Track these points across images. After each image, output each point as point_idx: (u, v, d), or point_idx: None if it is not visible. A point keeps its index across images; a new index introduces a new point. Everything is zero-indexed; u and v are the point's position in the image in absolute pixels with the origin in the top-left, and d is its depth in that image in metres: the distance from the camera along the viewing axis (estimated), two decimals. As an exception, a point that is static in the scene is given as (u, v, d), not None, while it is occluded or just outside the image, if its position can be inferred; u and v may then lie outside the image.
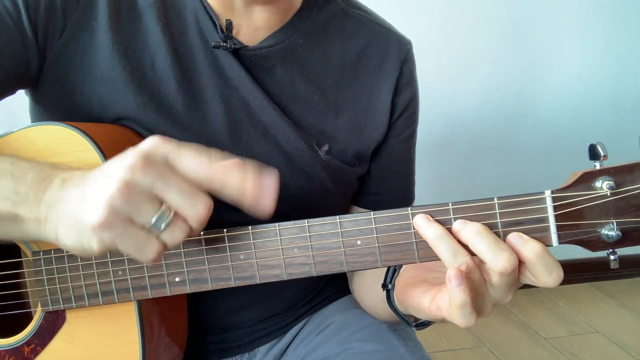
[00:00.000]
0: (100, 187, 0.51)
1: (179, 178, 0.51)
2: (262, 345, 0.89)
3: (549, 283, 0.55)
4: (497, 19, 2.09)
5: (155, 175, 0.50)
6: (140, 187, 0.50)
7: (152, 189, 0.51)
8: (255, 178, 0.54)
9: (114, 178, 0.50)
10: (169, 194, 0.51)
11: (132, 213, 0.50)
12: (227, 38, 0.75)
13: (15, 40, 0.70)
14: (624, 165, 0.55)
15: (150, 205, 0.51)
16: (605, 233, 0.56)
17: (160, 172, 0.51)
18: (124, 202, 0.50)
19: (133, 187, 0.50)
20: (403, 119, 0.86)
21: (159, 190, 0.51)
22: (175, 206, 0.52)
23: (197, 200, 0.52)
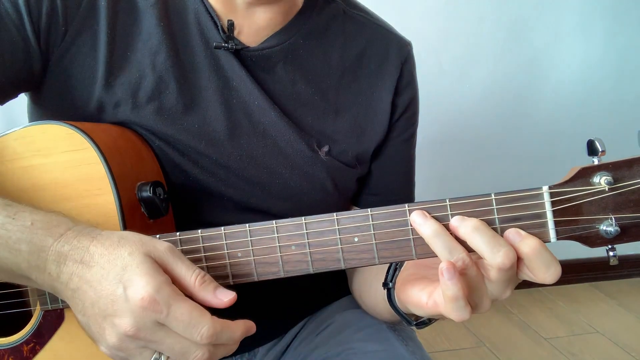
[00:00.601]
0: (96, 331, 0.56)
1: (168, 336, 0.53)
2: (262, 345, 0.89)
3: (547, 279, 0.55)
4: (497, 19, 2.09)
5: (143, 340, 0.53)
6: (131, 347, 0.54)
7: (143, 346, 0.54)
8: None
9: (106, 337, 0.54)
10: (159, 349, 0.54)
11: (128, 358, 0.56)
12: (228, 39, 0.75)
13: (18, 46, 0.70)
14: (622, 161, 0.55)
15: (143, 355, 0.55)
16: (603, 229, 0.56)
17: (148, 339, 0.53)
18: (119, 352, 0.55)
19: (122, 348, 0.54)
20: (403, 119, 0.86)
21: (150, 347, 0.54)
22: (167, 355, 0.55)
23: (188, 353, 0.54)
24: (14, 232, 0.57)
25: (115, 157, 0.68)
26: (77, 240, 0.56)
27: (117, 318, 0.53)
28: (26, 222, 0.57)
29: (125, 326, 0.52)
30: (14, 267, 0.58)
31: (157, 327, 0.53)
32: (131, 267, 0.53)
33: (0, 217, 0.58)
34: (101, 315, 0.54)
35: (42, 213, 0.59)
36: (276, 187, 0.79)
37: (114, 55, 0.74)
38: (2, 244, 0.57)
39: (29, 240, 0.56)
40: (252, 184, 0.78)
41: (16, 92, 0.76)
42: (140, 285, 0.52)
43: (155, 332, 0.53)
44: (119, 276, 0.53)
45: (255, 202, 0.79)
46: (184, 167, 0.76)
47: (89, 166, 0.66)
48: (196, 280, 0.55)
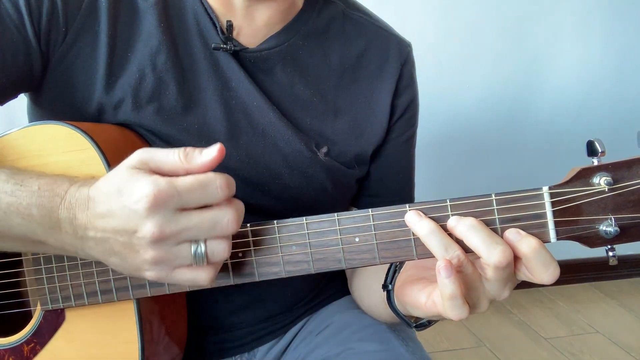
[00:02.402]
0: (133, 260, 0.55)
1: (191, 218, 0.53)
2: (262, 345, 0.89)
3: (545, 279, 0.55)
4: (497, 19, 2.09)
5: (172, 235, 0.53)
6: (166, 249, 0.54)
7: (176, 243, 0.54)
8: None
9: (141, 257, 0.54)
10: (191, 235, 0.54)
11: (172, 264, 0.55)
12: (227, 40, 0.75)
13: (19, 47, 0.70)
14: (622, 162, 0.55)
15: (181, 251, 0.54)
16: (603, 229, 0.56)
17: (175, 230, 0.53)
18: (160, 263, 0.55)
19: (161, 256, 0.54)
20: (403, 121, 0.86)
21: (182, 239, 0.54)
22: (203, 238, 0.54)
23: (217, 219, 0.54)
24: (23, 197, 0.58)
25: (116, 157, 0.67)
26: (78, 192, 0.57)
27: (139, 231, 0.53)
28: (33, 187, 0.58)
29: (149, 232, 0.52)
30: (29, 232, 0.59)
31: (176, 215, 0.53)
32: (123, 184, 0.53)
33: (9, 185, 0.59)
34: (127, 240, 0.54)
35: (46, 176, 0.60)
36: (275, 188, 0.79)
37: (114, 56, 0.74)
38: (14, 211, 0.58)
39: (38, 203, 0.57)
40: (251, 185, 0.78)
41: (16, 93, 0.76)
42: (138, 191, 0.52)
43: (178, 220, 0.53)
44: (118, 198, 0.53)
45: (255, 203, 0.79)
46: (184, 167, 0.76)
47: (90, 166, 0.67)
48: (180, 155, 0.54)
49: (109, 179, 0.55)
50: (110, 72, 0.74)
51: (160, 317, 0.72)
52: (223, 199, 0.54)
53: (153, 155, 0.54)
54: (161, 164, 0.54)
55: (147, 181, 0.52)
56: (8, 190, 0.59)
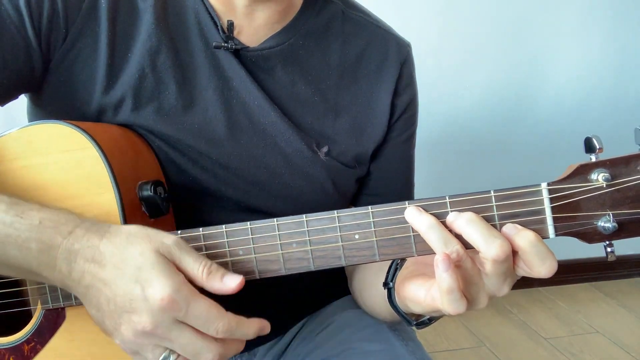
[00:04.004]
0: (111, 326, 0.57)
1: (184, 335, 0.55)
2: (262, 345, 0.89)
3: (543, 272, 0.56)
4: (497, 19, 2.10)
5: (158, 337, 0.55)
6: (144, 342, 0.56)
7: (156, 343, 0.56)
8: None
9: (120, 332, 0.56)
10: (172, 347, 0.56)
11: (140, 353, 0.58)
12: (228, 39, 0.76)
13: (19, 48, 0.71)
14: (619, 158, 0.55)
15: (154, 352, 0.57)
16: (601, 225, 0.56)
17: (163, 336, 0.55)
18: (131, 346, 0.57)
19: (136, 344, 0.57)
20: (402, 120, 0.86)
21: (162, 345, 0.56)
22: (178, 353, 0.57)
23: (202, 351, 0.56)
24: (22, 230, 0.58)
25: (116, 157, 0.68)
26: (86, 239, 0.57)
27: (135, 316, 0.54)
28: (34, 221, 0.58)
29: (143, 324, 0.54)
30: (25, 264, 0.59)
31: (174, 325, 0.55)
32: (146, 267, 0.55)
33: (8, 216, 0.59)
34: (118, 312, 0.55)
35: (49, 211, 0.60)
36: (276, 187, 0.79)
37: (114, 56, 0.74)
38: (11, 243, 0.58)
39: (37, 238, 0.58)
40: (251, 184, 0.78)
41: (17, 94, 0.76)
42: (159, 286, 0.54)
43: (172, 330, 0.55)
44: (135, 276, 0.55)
45: (255, 202, 0.79)
46: (184, 166, 0.76)
47: (90, 165, 0.67)
48: (203, 270, 0.56)
49: (129, 244, 0.57)
50: (110, 73, 0.74)
51: (161, 315, 0.72)
52: (212, 345, 0.56)
53: (182, 256, 0.57)
54: (185, 266, 0.57)
55: (172, 283, 0.54)
56: (7, 222, 0.59)
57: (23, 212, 0.59)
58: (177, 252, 0.57)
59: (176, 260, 0.56)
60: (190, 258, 0.57)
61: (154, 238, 0.57)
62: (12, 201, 0.60)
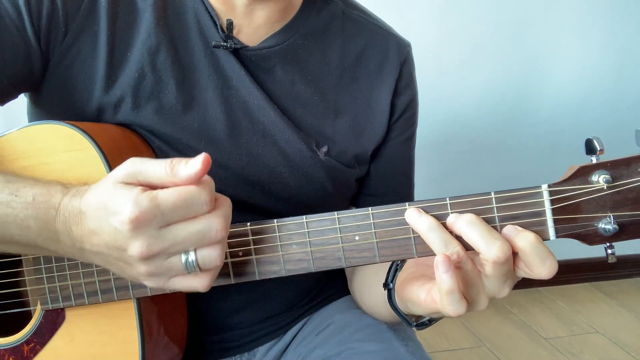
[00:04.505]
0: (130, 272, 0.56)
1: (178, 233, 0.53)
2: (262, 345, 0.89)
3: (543, 273, 0.56)
4: (497, 19, 2.09)
5: (160, 252, 0.53)
6: (158, 264, 0.55)
7: (167, 256, 0.54)
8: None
9: (135, 270, 0.55)
10: (180, 248, 0.54)
11: (166, 275, 0.56)
12: (227, 38, 0.76)
13: (19, 47, 0.71)
14: (620, 159, 0.55)
15: (173, 263, 0.55)
16: (602, 227, 0.56)
17: (162, 247, 0.53)
18: (155, 275, 0.56)
19: (153, 270, 0.55)
20: (402, 120, 0.86)
21: (172, 253, 0.54)
22: (192, 248, 0.54)
23: (204, 230, 0.54)
24: (19, 209, 0.58)
25: (116, 157, 0.68)
26: (70, 205, 0.57)
27: (127, 250, 0.53)
28: (28, 198, 0.58)
29: (136, 251, 0.53)
30: (30, 241, 0.59)
31: (162, 232, 0.53)
32: (109, 200, 0.53)
33: (4, 195, 0.59)
34: (120, 255, 0.55)
35: (40, 185, 0.59)
36: (275, 187, 0.79)
37: (114, 56, 0.74)
38: (11, 222, 0.58)
39: (34, 216, 0.58)
40: (251, 184, 0.78)
41: (16, 93, 0.76)
42: (120, 210, 0.52)
43: (164, 236, 0.53)
44: (104, 213, 0.53)
45: (255, 202, 0.79)
46: (184, 166, 0.76)
47: (90, 166, 0.67)
48: (166, 168, 0.53)
49: (97, 193, 0.55)
50: (109, 72, 0.74)
51: (161, 316, 0.72)
52: (208, 211, 0.54)
53: (141, 168, 0.54)
54: (149, 176, 0.54)
55: (129, 200, 0.51)
56: (4, 201, 0.59)
57: (17, 190, 0.59)
58: (133, 169, 0.54)
59: (138, 176, 0.54)
60: (149, 164, 0.54)
61: (110, 173, 0.55)
62: (6, 179, 0.60)
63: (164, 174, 0.53)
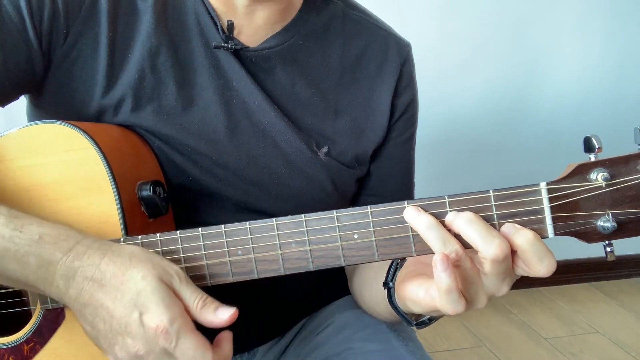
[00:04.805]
0: (104, 344, 0.58)
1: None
2: (262, 345, 0.90)
3: (542, 271, 0.56)
4: (497, 19, 2.09)
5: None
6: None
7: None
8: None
9: (115, 351, 0.57)
10: None
11: None
12: (228, 39, 0.76)
13: (20, 49, 0.71)
14: (619, 157, 0.55)
15: None
16: (600, 224, 0.56)
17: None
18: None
19: None
20: (402, 121, 0.86)
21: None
22: None
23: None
24: (22, 245, 0.58)
25: (116, 157, 0.68)
26: (87, 256, 0.57)
27: (129, 339, 0.55)
28: (34, 236, 0.58)
29: (137, 348, 0.55)
30: (22, 278, 0.59)
31: (164, 354, 0.55)
32: (145, 293, 0.55)
33: (8, 230, 0.59)
34: (113, 332, 0.56)
35: (49, 225, 0.59)
36: (275, 187, 0.79)
37: (114, 57, 0.74)
38: (10, 257, 0.58)
39: (37, 254, 0.57)
40: (251, 184, 0.78)
41: (18, 94, 0.76)
42: (156, 314, 0.54)
43: (162, 358, 0.55)
44: (133, 300, 0.55)
45: (255, 202, 0.79)
46: (184, 166, 0.76)
47: (90, 165, 0.67)
48: (198, 303, 0.57)
49: (131, 266, 0.57)
50: (110, 73, 0.74)
51: (160, 315, 0.72)
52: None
53: (181, 288, 0.57)
54: (182, 298, 0.57)
55: (169, 313, 0.55)
56: (6, 236, 0.58)
57: (22, 226, 0.59)
58: (177, 282, 0.57)
59: (176, 289, 0.57)
60: (188, 290, 0.57)
61: (157, 263, 0.57)
62: (12, 214, 0.60)
63: (193, 308, 0.57)
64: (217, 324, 0.57)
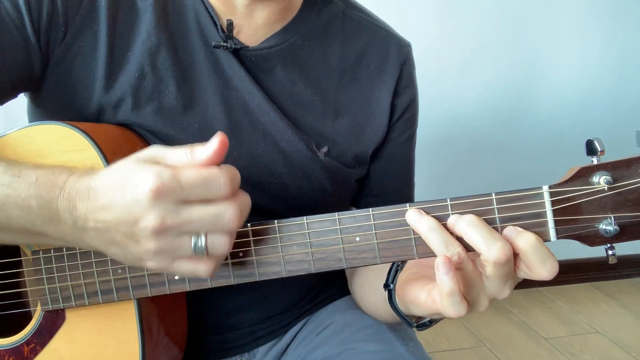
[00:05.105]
0: (134, 250, 0.56)
1: (193, 211, 0.53)
2: (262, 345, 0.89)
3: (544, 274, 0.55)
4: (497, 19, 2.10)
5: (173, 227, 0.53)
6: (167, 240, 0.54)
7: (178, 234, 0.54)
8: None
9: (143, 247, 0.55)
10: (192, 228, 0.54)
11: (172, 255, 0.55)
12: (227, 38, 0.76)
13: (19, 47, 0.71)
14: (621, 160, 0.55)
15: (182, 243, 0.54)
16: (603, 228, 0.56)
17: (177, 223, 0.53)
18: (162, 254, 0.55)
19: (162, 247, 0.54)
20: (402, 121, 0.86)
21: (183, 232, 0.54)
22: (204, 232, 0.54)
23: (218, 215, 0.54)
24: (21, 189, 0.58)
25: (116, 157, 0.67)
26: (78, 183, 0.57)
27: (141, 221, 0.53)
28: (31, 179, 0.58)
29: (151, 223, 0.52)
30: (29, 224, 0.59)
31: (179, 208, 0.53)
32: (128, 174, 0.54)
33: (6, 177, 0.59)
34: (129, 231, 0.54)
35: (44, 167, 0.59)
36: (275, 188, 0.79)
37: (114, 56, 0.74)
38: (12, 203, 0.58)
39: (37, 195, 0.57)
40: (251, 184, 0.78)
41: (16, 93, 0.76)
42: (142, 182, 0.52)
43: (180, 212, 0.53)
44: (121, 187, 0.53)
45: (255, 203, 0.78)
46: (184, 166, 0.76)
47: (90, 166, 0.67)
48: (186, 153, 0.54)
49: (113, 170, 0.55)
50: (109, 72, 0.74)
51: (161, 317, 0.72)
52: (226, 195, 0.54)
53: (163, 153, 0.55)
54: (170, 160, 0.55)
55: (151, 172, 0.52)
56: (5, 182, 0.58)
57: (20, 172, 0.59)
58: (154, 152, 0.55)
59: (159, 159, 0.55)
60: (171, 151, 0.55)
61: (135, 156, 0.56)
62: (9, 163, 0.60)
63: (184, 158, 0.54)
64: (213, 152, 0.54)
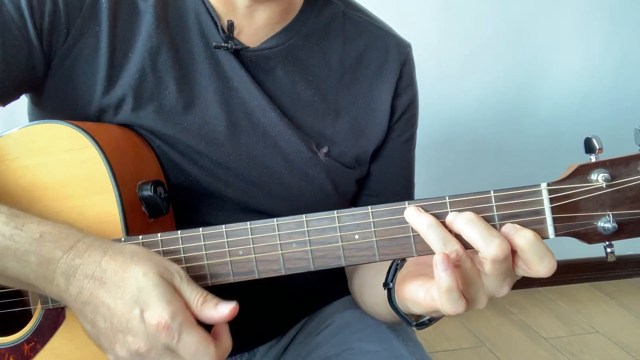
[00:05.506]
0: (105, 343, 0.58)
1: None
2: (262, 345, 0.90)
3: (542, 272, 0.56)
4: (497, 19, 2.09)
5: (149, 357, 0.56)
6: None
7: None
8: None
9: (115, 349, 0.57)
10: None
11: None
12: (228, 39, 0.76)
13: (21, 48, 0.71)
14: (619, 158, 0.56)
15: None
16: (601, 225, 0.56)
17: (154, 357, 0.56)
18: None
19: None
20: (402, 121, 0.86)
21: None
22: None
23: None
24: (22, 243, 0.58)
25: (117, 157, 0.68)
26: (87, 254, 0.57)
27: (130, 336, 0.55)
28: (34, 234, 0.58)
29: (138, 345, 0.55)
30: (22, 276, 0.59)
31: (166, 351, 0.55)
32: (147, 290, 0.55)
33: (8, 228, 0.58)
34: (113, 330, 0.56)
35: (50, 224, 0.59)
36: (275, 188, 0.79)
37: (115, 57, 0.74)
38: (10, 255, 0.58)
39: (37, 252, 0.57)
40: (251, 184, 0.78)
41: (18, 94, 0.76)
42: (157, 310, 0.54)
43: (164, 354, 0.55)
44: (134, 297, 0.55)
45: (255, 203, 0.79)
46: (184, 167, 0.76)
47: (91, 165, 0.67)
48: (198, 300, 0.57)
49: (133, 264, 0.57)
50: (110, 73, 0.74)
51: (161, 315, 0.72)
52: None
53: (182, 285, 0.57)
54: (182, 295, 0.57)
55: (170, 309, 0.54)
56: (7, 234, 0.58)
57: (23, 225, 0.59)
58: (178, 280, 0.57)
59: (177, 287, 0.57)
60: (189, 288, 0.57)
61: (158, 261, 0.57)
62: (12, 213, 0.60)
63: (194, 305, 0.57)
64: (218, 318, 0.56)
